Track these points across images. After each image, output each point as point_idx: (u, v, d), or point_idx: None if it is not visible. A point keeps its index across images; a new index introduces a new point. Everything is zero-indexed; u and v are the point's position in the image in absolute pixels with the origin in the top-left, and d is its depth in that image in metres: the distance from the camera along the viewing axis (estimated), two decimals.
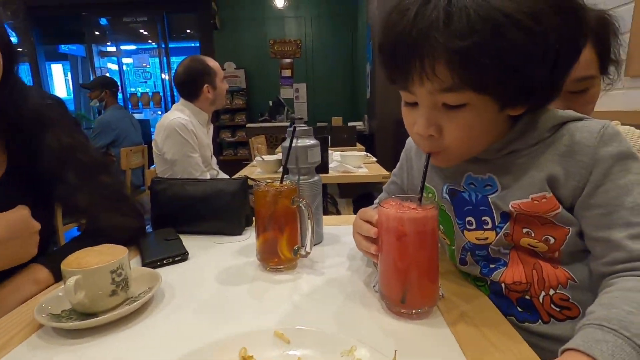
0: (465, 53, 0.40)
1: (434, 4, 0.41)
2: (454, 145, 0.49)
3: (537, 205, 0.48)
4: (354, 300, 0.55)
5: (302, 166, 0.73)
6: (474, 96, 0.44)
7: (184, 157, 1.60)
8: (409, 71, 0.45)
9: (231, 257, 0.73)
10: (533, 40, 0.39)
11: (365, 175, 1.66)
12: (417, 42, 0.42)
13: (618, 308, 0.38)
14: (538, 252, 0.51)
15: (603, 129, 0.46)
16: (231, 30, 5.54)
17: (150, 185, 0.89)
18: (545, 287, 0.51)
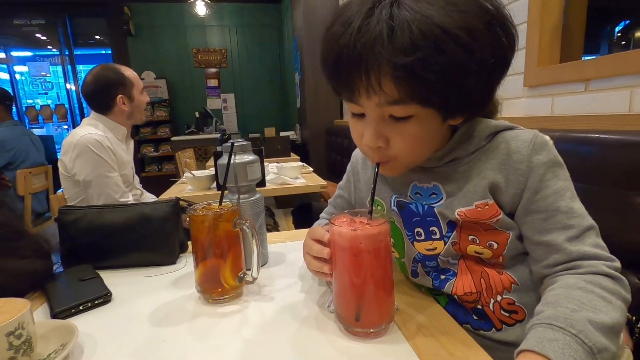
0: (410, 69, 0.40)
1: (376, 18, 0.41)
2: (401, 155, 0.50)
3: (480, 212, 0.50)
4: (309, 324, 0.52)
5: (242, 184, 0.68)
6: (420, 109, 0.45)
7: (99, 177, 1.40)
8: (354, 85, 0.45)
9: (166, 292, 0.64)
10: (471, 56, 0.41)
11: (304, 186, 1.64)
12: (361, 56, 0.41)
13: (563, 306, 0.40)
14: (484, 260, 0.54)
15: (534, 138, 0.49)
16: (148, 37, 5.17)
17: (57, 216, 0.76)
18: (493, 294, 0.53)
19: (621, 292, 0.43)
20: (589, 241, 0.46)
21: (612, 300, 0.41)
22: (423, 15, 0.39)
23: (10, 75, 5.48)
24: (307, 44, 3.72)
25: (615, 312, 0.40)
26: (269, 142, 2.89)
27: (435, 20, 0.39)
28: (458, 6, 0.40)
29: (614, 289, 0.43)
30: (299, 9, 3.78)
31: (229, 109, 5.65)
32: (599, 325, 0.38)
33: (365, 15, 0.42)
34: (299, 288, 0.63)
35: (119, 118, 1.55)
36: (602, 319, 0.39)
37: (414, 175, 0.56)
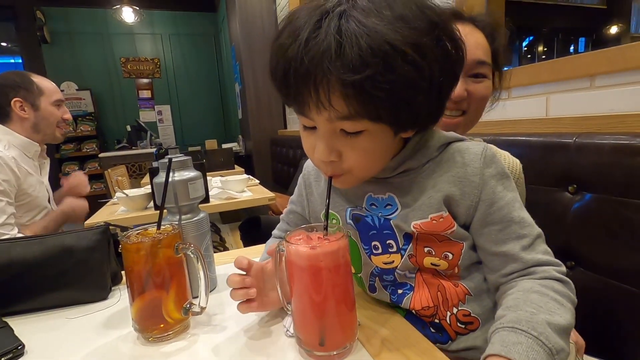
0: (359, 86, 0.39)
1: (324, 31, 0.39)
2: (354, 168, 0.48)
3: (435, 224, 0.50)
4: (268, 353, 0.47)
5: (183, 204, 0.62)
6: (370, 124, 0.44)
7: None
8: (303, 99, 0.43)
9: (96, 335, 0.55)
10: (420, 73, 0.40)
11: (251, 200, 1.57)
12: (309, 71, 0.40)
13: (523, 310, 0.41)
14: (440, 272, 0.54)
15: (484, 151, 0.50)
16: (67, 45, 4.70)
17: None
18: (449, 306, 0.53)
19: (570, 295, 0.46)
20: (540, 249, 0.49)
21: (564, 303, 0.44)
22: (372, 30, 0.38)
23: None
24: (247, 53, 3.66)
25: (567, 314, 0.43)
26: (211, 154, 2.76)
27: (385, 36, 0.38)
28: (407, 22, 0.40)
29: (564, 292, 0.45)
30: (235, 18, 3.71)
31: (164, 121, 5.33)
32: (556, 327, 0.40)
33: (314, 27, 0.40)
34: (252, 313, 0.58)
35: (22, 129, 1.35)
36: (558, 320, 0.41)
37: (368, 187, 0.55)
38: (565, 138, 0.86)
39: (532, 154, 0.93)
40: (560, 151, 0.87)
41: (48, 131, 1.40)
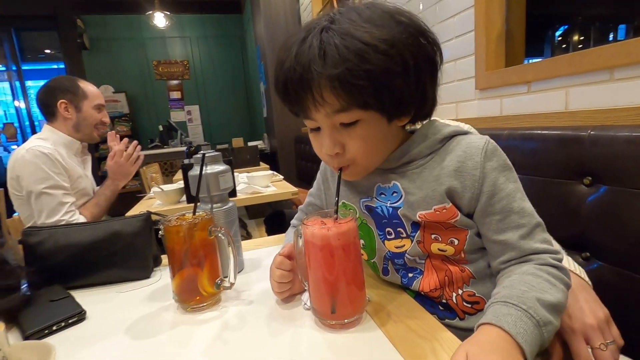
0: (342, 78, 0.46)
1: (309, 44, 0.48)
2: (358, 157, 0.54)
3: (439, 214, 0.55)
4: (287, 322, 0.54)
5: (215, 194, 0.70)
6: (362, 113, 0.50)
7: (38, 195, 1.30)
8: (303, 102, 0.51)
9: (142, 306, 0.64)
10: (391, 60, 0.47)
11: (275, 194, 1.65)
12: (302, 77, 0.48)
13: (516, 288, 0.46)
14: (448, 257, 0.58)
15: (485, 145, 0.54)
16: (104, 51, 4.99)
17: (21, 238, 0.73)
18: (454, 288, 0.58)
19: (564, 278, 0.50)
20: (538, 237, 0.52)
21: (556, 284, 0.48)
22: (346, 34, 0.46)
23: None
24: (271, 53, 3.76)
25: (558, 294, 0.47)
26: (238, 152, 2.88)
27: (357, 36, 0.46)
28: (375, 23, 0.48)
29: (558, 275, 0.49)
30: (260, 18, 3.82)
31: (193, 120, 5.55)
32: (545, 303, 0.45)
33: (301, 42, 0.49)
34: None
35: (63, 127, 1.49)
36: (547, 298, 0.45)
37: (376, 177, 0.60)
38: (580, 131, 0.87)
39: (548, 147, 0.94)
40: (575, 144, 0.88)
41: (87, 131, 1.53)
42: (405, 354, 0.44)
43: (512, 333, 0.41)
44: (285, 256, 0.59)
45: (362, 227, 0.64)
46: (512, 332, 0.41)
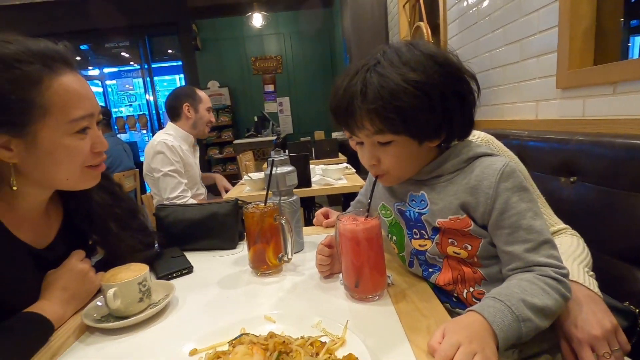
0: (377, 112, 0.60)
1: (355, 80, 0.62)
2: (390, 169, 0.68)
3: (453, 223, 0.65)
4: (325, 291, 0.72)
5: (282, 189, 0.90)
6: (394, 136, 0.64)
7: (163, 175, 1.74)
8: (348, 124, 0.66)
9: (229, 267, 0.89)
10: (418, 98, 0.59)
11: (344, 187, 1.83)
12: (347, 108, 0.63)
13: (509, 289, 0.56)
14: (462, 259, 0.68)
15: (503, 167, 0.62)
16: (212, 50, 5.72)
17: (155, 212, 1.05)
18: (466, 285, 0.68)
19: (560, 289, 0.56)
20: (544, 253, 0.59)
21: (549, 292, 0.55)
22: (384, 76, 0.60)
23: (103, 89, 6.43)
24: (356, 46, 3.87)
25: (548, 300, 0.54)
26: (319, 144, 3.12)
27: (392, 78, 0.59)
28: (410, 65, 0.60)
29: (554, 285, 0.56)
30: (347, 11, 3.95)
31: (284, 111, 6.03)
32: (529, 304, 0.53)
33: (351, 77, 0.63)
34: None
35: (185, 125, 1.91)
36: (533, 301, 0.53)
37: (409, 187, 0.72)
38: None
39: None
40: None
41: (201, 128, 1.95)
42: (406, 326, 0.58)
43: (490, 320, 0.51)
44: (326, 245, 0.76)
45: (395, 226, 0.77)
46: (489, 319, 0.51)
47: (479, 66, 1.85)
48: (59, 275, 0.69)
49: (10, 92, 0.57)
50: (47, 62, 0.61)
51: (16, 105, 0.58)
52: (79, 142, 0.65)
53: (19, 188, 0.64)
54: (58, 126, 0.62)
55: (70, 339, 0.62)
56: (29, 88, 0.59)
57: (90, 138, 0.67)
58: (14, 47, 0.59)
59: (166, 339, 0.61)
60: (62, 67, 0.63)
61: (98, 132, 0.69)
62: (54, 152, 0.63)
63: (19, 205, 0.67)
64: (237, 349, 0.44)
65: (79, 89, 0.65)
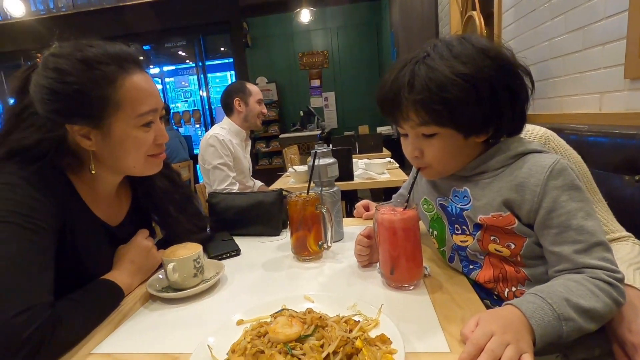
0: (423, 103, 0.60)
1: (403, 73, 0.63)
2: (433, 162, 0.68)
3: (495, 220, 0.64)
4: (362, 279, 0.75)
5: (324, 180, 0.94)
6: (439, 129, 0.64)
7: (213, 167, 1.86)
8: (394, 115, 0.67)
9: (272, 252, 0.95)
10: (466, 91, 0.58)
11: (386, 181, 1.83)
12: (393, 99, 0.64)
13: (553, 287, 0.54)
14: (505, 258, 0.66)
15: (553, 164, 0.59)
16: (261, 47, 5.90)
17: (207, 198, 1.14)
18: (508, 285, 0.67)
19: (612, 293, 0.53)
20: (596, 255, 0.56)
21: (599, 295, 0.53)
22: (433, 68, 0.60)
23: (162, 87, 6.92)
24: (404, 39, 3.79)
25: (597, 303, 0.52)
26: (362, 138, 3.12)
27: (441, 70, 0.59)
28: (460, 59, 0.59)
29: (605, 289, 0.53)
30: (396, 4, 3.87)
31: (329, 106, 6.07)
32: (573, 304, 0.51)
33: (399, 70, 0.64)
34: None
35: (237, 119, 2.01)
36: (579, 302, 0.51)
37: (453, 182, 0.72)
38: None
39: None
40: None
41: (252, 121, 2.04)
42: (440, 315, 0.59)
43: (527, 315, 0.50)
44: (365, 235, 0.78)
45: (437, 221, 0.77)
46: (527, 314, 0.50)
47: (536, 56, 1.74)
48: (128, 250, 0.79)
49: (91, 89, 0.66)
50: (121, 63, 0.69)
51: (96, 101, 0.67)
52: (144, 134, 0.73)
53: (96, 172, 0.74)
54: (128, 120, 0.70)
55: (137, 305, 0.71)
56: (106, 86, 0.67)
57: (154, 131, 0.75)
58: (95, 50, 0.68)
59: (216, 311, 0.67)
60: (133, 67, 0.71)
61: (161, 126, 0.77)
62: (124, 142, 0.72)
63: (96, 187, 0.78)
64: (278, 320, 0.49)
65: (146, 87, 0.73)
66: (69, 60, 0.65)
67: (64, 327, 0.56)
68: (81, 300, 0.64)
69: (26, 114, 0.68)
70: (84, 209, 0.74)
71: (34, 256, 0.59)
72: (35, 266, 0.58)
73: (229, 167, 1.90)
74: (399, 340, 0.49)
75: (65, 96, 0.65)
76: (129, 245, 0.80)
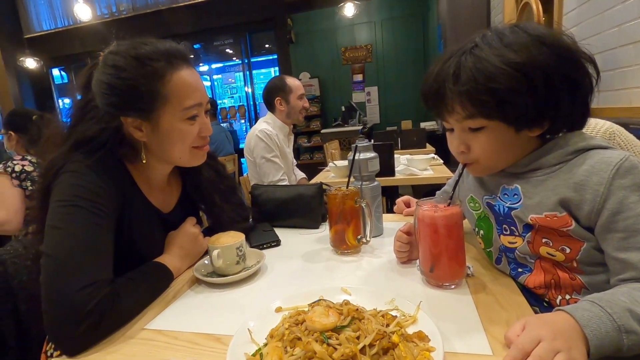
0: (468, 94, 0.57)
1: (448, 64, 0.60)
2: (480, 158, 0.65)
3: (549, 220, 0.59)
4: (400, 275, 0.74)
5: (364, 174, 0.93)
6: (486, 122, 0.60)
7: (266, 160, 1.91)
8: (439, 108, 0.64)
9: (311, 244, 0.96)
10: (517, 80, 0.54)
11: (429, 177, 1.77)
12: (438, 91, 0.62)
13: (614, 295, 0.49)
14: (558, 262, 0.61)
15: (621, 162, 0.54)
16: (305, 42, 5.95)
17: (250, 190, 1.18)
18: (561, 292, 0.62)
19: None
20: None
21: None
22: (481, 58, 0.56)
23: (210, 83, 7.24)
24: (452, 31, 3.64)
25: None
26: (405, 134, 3.05)
27: (489, 60, 0.56)
28: (512, 48, 0.55)
29: None
30: None
31: (372, 101, 5.98)
32: (638, 316, 0.46)
33: (444, 62, 0.61)
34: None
35: (280, 116, 2.05)
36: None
37: (503, 179, 0.68)
38: None
39: None
40: None
41: (295, 116, 2.07)
42: (483, 316, 0.56)
43: (582, 323, 0.45)
44: (405, 232, 0.76)
45: (484, 220, 0.73)
46: (581, 322, 0.45)
47: (602, 44, 1.59)
48: (177, 236, 0.84)
49: (142, 84, 0.71)
50: (170, 60, 0.74)
51: (146, 95, 0.72)
52: (189, 127, 0.77)
53: (147, 162, 0.79)
54: (174, 113, 0.74)
55: (184, 287, 0.76)
56: (155, 81, 0.72)
57: (199, 124, 0.79)
58: (147, 48, 0.73)
59: (257, 297, 0.70)
60: (181, 63, 0.75)
61: (205, 119, 0.81)
62: (170, 134, 0.76)
63: (150, 176, 0.83)
64: (315, 309, 0.50)
65: (192, 82, 0.76)
66: (124, 58, 0.71)
67: (122, 302, 0.62)
68: (136, 279, 0.69)
69: (89, 108, 0.75)
70: (139, 196, 0.80)
71: (98, 237, 0.65)
72: (99, 246, 0.64)
73: (279, 160, 1.95)
74: (437, 339, 0.48)
75: (120, 90, 0.70)
76: (178, 231, 0.85)
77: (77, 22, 5.96)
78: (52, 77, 6.84)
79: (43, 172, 0.71)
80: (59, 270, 0.59)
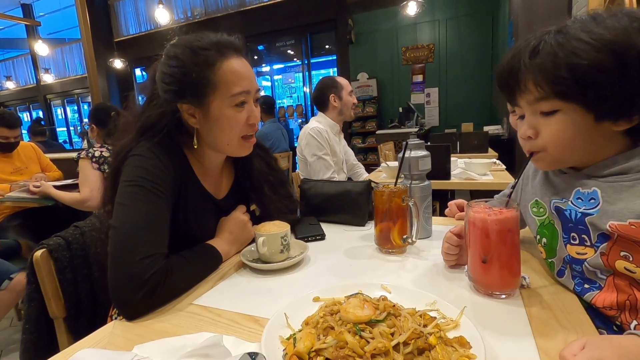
0: (544, 68, 0.52)
1: (528, 42, 0.55)
2: (548, 145, 0.58)
3: (634, 230, 0.51)
4: (446, 279, 0.70)
5: (414, 173, 0.90)
6: (562, 104, 0.54)
7: (317, 158, 1.94)
8: (510, 88, 0.60)
9: (356, 241, 0.96)
10: (605, 55, 0.48)
11: (488, 183, 1.65)
12: (512, 67, 0.57)
13: None
14: (637, 281, 0.54)
15: None
16: (365, 43, 5.91)
17: (299, 184, 1.21)
18: (638, 317, 0.53)
19: None
20: None
21: None
22: (567, 34, 0.51)
23: (271, 83, 7.52)
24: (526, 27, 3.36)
25: None
26: (465, 137, 2.89)
27: (575, 35, 0.50)
28: (607, 27, 0.49)
29: None
30: None
31: (431, 103, 5.76)
32: None
33: (526, 44, 0.56)
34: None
35: (332, 114, 2.06)
36: None
37: (577, 181, 0.61)
38: None
39: None
40: None
41: (347, 113, 2.09)
42: (536, 331, 0.51)
43: None
44: (455, 233, 0.72)
45: (548, 227, 0.67)
46: None
47: None
48: (228, 222, 0.89)
49: (195, 72, 0.76)
50: (220, 49, 0.78)
51: (199, 82, 0.77)
52: (237, 113, 0.80)
53: (199, 148, 0.85)
54: (223, 99, 0.78)
55: (231, 270, 0.80)
56: (206, 69, 0.76)
57: (247, 111, 0.82)
58: (201, 39, 0.78)
59: (297, 286, 0.71)
60: (231, 52, 0.79)
61: (253, 108, 0.84)
62: (219, 120, 0.80)
63: (205, 163, 0.89)
64: (351, 301, 0.49)
65: (240, 70, 0.80)
66: (180, 48, 0.77)
67: (175, 276, 0.67)
68: (189, 258, 0.75)
69: (154, 97, 0.82)
70: (195, 181, 0.86)
71: (157, 215, 0.71)
72: (158, 223, 0.70)
73: (330, 157, 1.98)
74: (479, 346, 0.44)
75: (175, 78, 0.76)
76: (229, 217, 0.90)
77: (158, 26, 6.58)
78: (134, 76, 7.63)
79: (114, 156, 0.79)
80: (123, 241, 0.65)
